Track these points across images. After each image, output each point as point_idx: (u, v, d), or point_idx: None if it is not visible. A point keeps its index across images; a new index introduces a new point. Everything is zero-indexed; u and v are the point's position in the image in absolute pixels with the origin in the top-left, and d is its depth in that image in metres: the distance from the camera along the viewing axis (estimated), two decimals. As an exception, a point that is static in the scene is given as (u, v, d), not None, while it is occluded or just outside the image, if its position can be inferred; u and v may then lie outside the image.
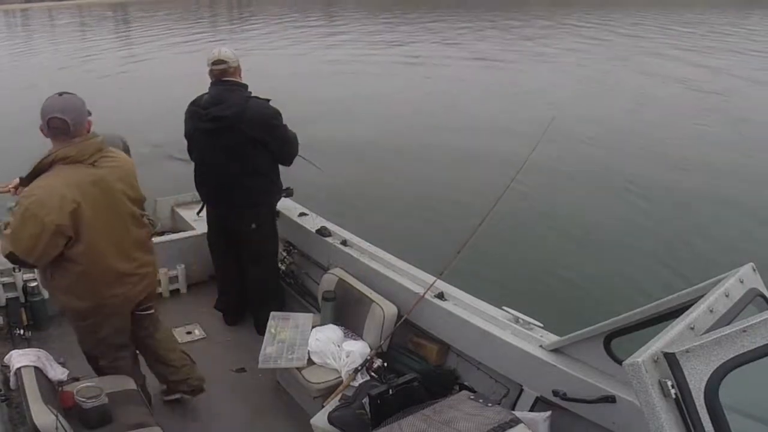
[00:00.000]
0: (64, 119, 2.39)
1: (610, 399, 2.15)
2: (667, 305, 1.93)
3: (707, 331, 1.42)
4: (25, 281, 3.67)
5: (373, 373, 2.90)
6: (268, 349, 3.06)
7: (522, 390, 2.51)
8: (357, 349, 2.99)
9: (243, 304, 3.94)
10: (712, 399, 1.24)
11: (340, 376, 2.90)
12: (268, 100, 3.47)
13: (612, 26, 30.28)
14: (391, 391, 2.37)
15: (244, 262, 3.74)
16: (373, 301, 3.08)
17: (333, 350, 3.00)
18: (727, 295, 1.57)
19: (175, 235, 4.35)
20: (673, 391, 1.22)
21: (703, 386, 1.24)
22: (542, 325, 2.63)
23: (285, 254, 4.08)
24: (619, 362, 2.15)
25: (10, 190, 2.62)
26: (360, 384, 2.79)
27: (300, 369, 2.97)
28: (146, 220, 2.79)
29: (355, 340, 3.13)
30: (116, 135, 3.08)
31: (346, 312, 3.25)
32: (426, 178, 8.68)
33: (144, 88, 15.97)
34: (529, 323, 2.63)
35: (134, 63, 21.19)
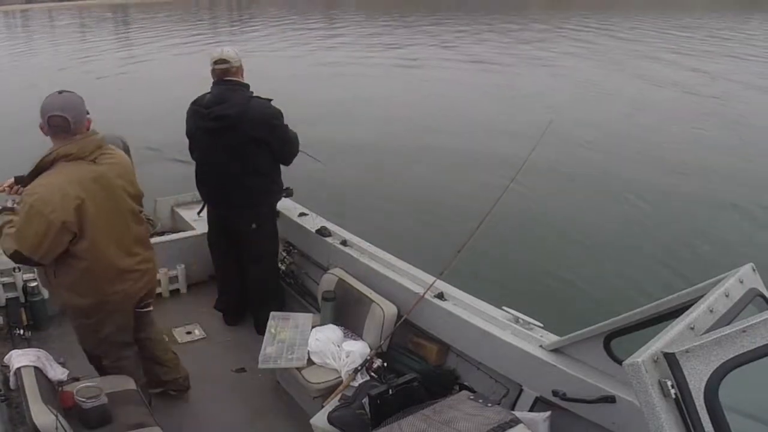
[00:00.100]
0: (64, 117, 2.40)
1: (610, 399, 2.15)
2: (667, 305, 1.93)
3: (707, 331, 1.42)
4: (25, 281, 3.67)
5: (372, 373, 2.90)
6: (268, 349, 3.06)
7: (522, 390, 2.51)
8: (357, 349, 2.99)
9: (243, 304, 3.94)
10: (712, 399, 1.24)
11: (340, 376, 2.90)
12: (269, 100, 3.48)
13: (611, 30, 30.32)
14: (390, 391, 2.37)
15: (245, 262, 3.74)
16: (373, 301, 3.08)
17: (333, 350, 3.00)
18: (727, 295, 1.57)
19: (175, 235, 4.35)
20: (672, 391, 1.22)
21: (703, 386, 1.24)
22: (542, 325, 2.63)
23: (285, 254, 4.08)
24: (619, 362, 2.15)
25: (5, 189, 2.62)
26: (360, 384, 2.79)
27: (300, 369, 2.97)
28: (145, 218, 2.81)
29: (355, 340, 3.13)
30: (116, 135, 3.09)
31: (346, 312, 3.25)
32: (426, 179, 8.68)
33: (144, 89, 15.97)
34: (529, 323, 2.63)
35: (134, 64, 21.19)
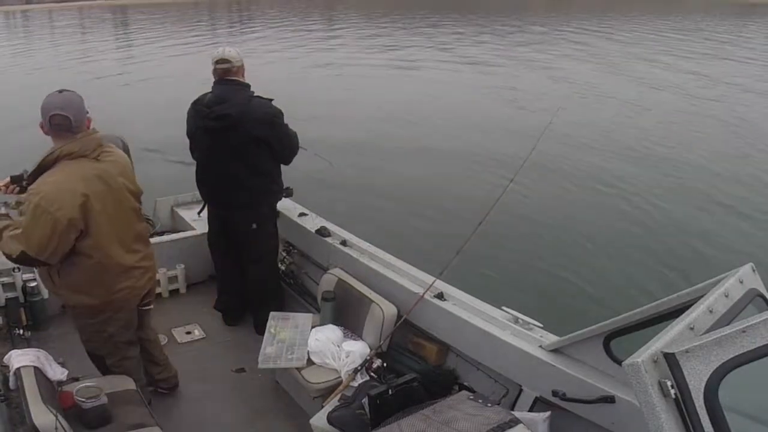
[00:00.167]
0: (66, 115, 2.40)
1: (610, 399, 2.15)
2: (667, 305, 1.93)
3: (707, 332, 1.42)
4: (25, 281, 3.67)
5: (372, 374, 2.90)
6: (267, 349, 3.06)
7: (521, 390, 2.50)
8: (356, 350, 2.99)
9: (243, 304, 3.94)
10: (712, 399, 1.24)
11: (340, 377, 2.90)
12: (270, 100, 3.49)
13: (609, 32, 30.37)
14: (390, 391, 2.37)
15: (244, 262, 3.74)
16: (373, 302, 3.08)
17: (332, 350, 3.00)
18: (727, 296, 1.57)
19: (175, 235, 4.34)
20: (672, 392, 1.22)
21: (703, 386, 1.24)
22: (542, 325, 2.63)
23: (285, 254, 4.08)
24: (619, 362, 2.15)
25: (1, 188, 2.63)
26: (359, 384, 2.79)
27: (299, 369, 2.96)
28: (144, 217, 2.81)
29: (355, 340, 3.13)
30: (116, 135, 3.09)
31: (346, 312, 3.25)
32: (426, 179, 8.69)
33: (143, 90, 15.98)
34: (529, 323, 2.63)
35: (133, 64, 21.20)
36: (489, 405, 2.13)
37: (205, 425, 3.06)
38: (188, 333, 3.84)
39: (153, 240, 3.02)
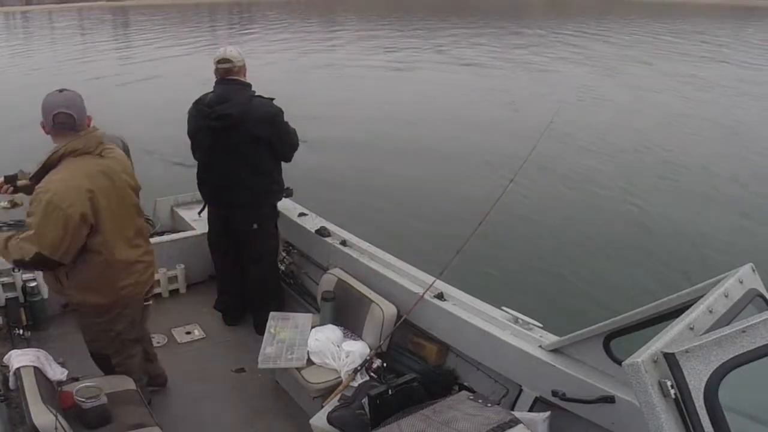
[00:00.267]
0: (70, 114, 2.40)
1: (610, 399, 2.15)
2: (667, 305, 1.93)
3: (707, 332, 1.42)
4: (25, 281, 3.67)
5: (372, 374, 2.90)
6: (267, 349, 3.06)
7: (521, 390, 2.50)
8: (356, 350, 2.99)
9: (243, 304, 3.94)
10: (712, 399, 1.24)
11: (340, 377, 2.89)
12: (271, 99, 3.50)
13: (608, 35, 30.40)
14: (390, 391, 2.37)
15: (245, 262, 3.74)
16: (373, 302, 3.08)
17: (332, 350, 3.00)
18: (727, 296, 1.57)
19: (175, 235, 4.34)
20: (672, 392, 1.22)
21: (703, 386, 1.24)
22: (542, 325, 2.63)
23: (285, 254, 4.08)
24: (619, 362, 2.15)
25: None
26: (359, 384, 2.79)
27: (299, 369, 2.96)
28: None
29: (355, 340, 3.13)
30: (116, 135, 3.09)
31: (346, 312, 3.25)
32: (426, 179, 8.69)
33: (143, 90, 15.98)
34: (529, 323, 2.63)
35: (133, 65, 21.20)
36: (489, 405, 2.13)
37: (205, 425, 3.06)
38: (188, 333, 3.84)
39: (153, 240, 3.01)
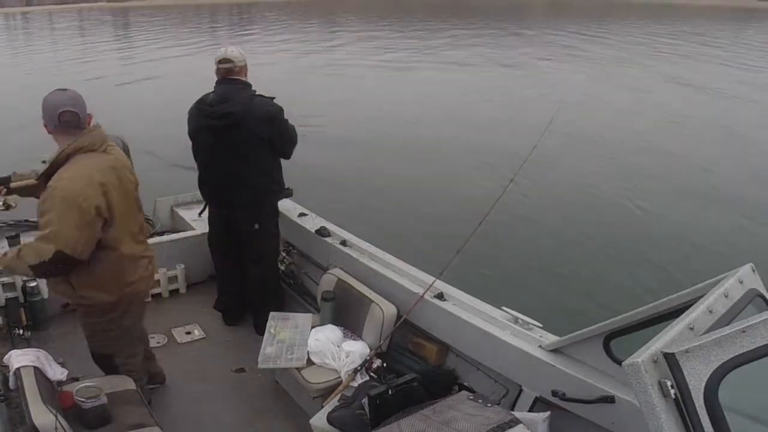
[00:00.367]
0: (75, 112, 2.41)
1: (610, 399, 2.15)
2: (667, 305, 1.93)
3: (707, 332, 1.42)
4: (25, 281, 3.67)
5: (372, 374, 2.90)
6: (267, 349, 3.06)
7: (521, 390, 2.50)
8: (356, 350, 2.99)
9: (243, 304, 3.94)
10: (712, 399, 1.23)
11: (340, 377, 2.89)
12: (272, 98, 3.50)
13: (608, 37, 30.40)
14: (390, 391, 2.37)
15: (245, 261, 3.74)
16: (373, 302, 3.08)
17: (332, 350, 3.00)
18: (727, 296, 1.56)
19: (175, 235, 4.34)
20: (672, 392, 1.22)
21: (703, 386, 1.24)
22: (542, 325, 2.63)
23: (285, 254, 4.08)
24: (619, 362, 2.15)
25: None
26: (359, 384, 2.79)
27: (299, 369, 2.96)
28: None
29: (355, 340, 3.13)
30: (116, 135, 3.09)
31: (346, 312, 3.25)
32: (426, 179, 8.70)
33: (143, 91, 15.99)
34: (529, 323, 2.63)
35: (134, 65, 21.21)
36: (489, 405, 2.13)
37: (205, 425, 3.06)
38: (188, 333, 3.84)
39: (153, 240, 3.02)
